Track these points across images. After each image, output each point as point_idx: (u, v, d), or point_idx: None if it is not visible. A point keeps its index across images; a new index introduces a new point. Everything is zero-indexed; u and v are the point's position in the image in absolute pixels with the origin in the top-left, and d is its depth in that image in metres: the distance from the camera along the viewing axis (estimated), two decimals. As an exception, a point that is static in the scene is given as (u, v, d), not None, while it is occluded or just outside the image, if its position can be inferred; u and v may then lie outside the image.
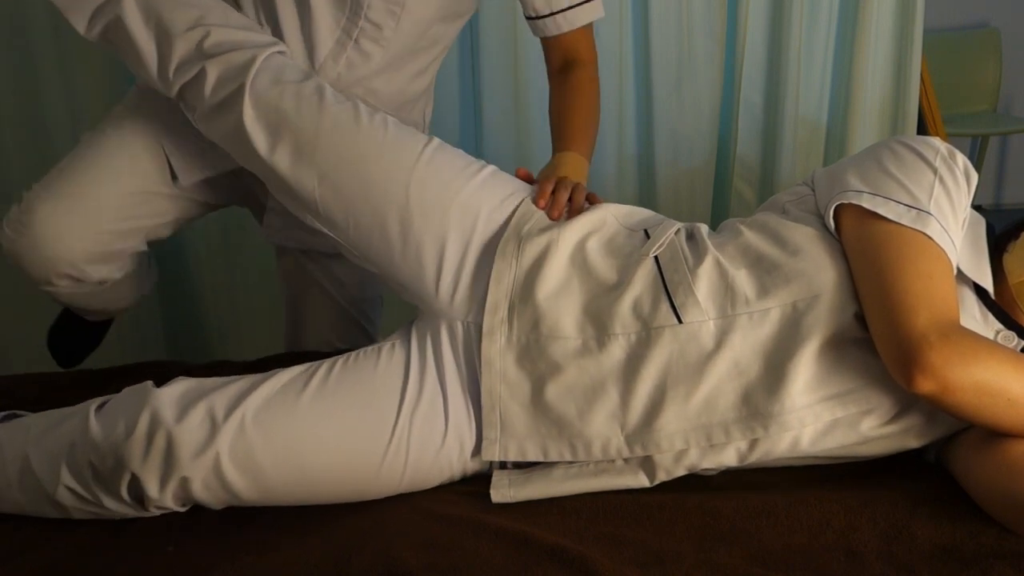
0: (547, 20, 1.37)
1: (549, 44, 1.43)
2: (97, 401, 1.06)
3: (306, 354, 1.44)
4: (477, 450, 1.05)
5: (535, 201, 1.13)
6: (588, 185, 1.23)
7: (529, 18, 1.40)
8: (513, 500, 1.02)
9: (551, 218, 1.12)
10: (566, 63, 1.42)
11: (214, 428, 0.98)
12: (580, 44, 1.42)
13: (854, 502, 0.97)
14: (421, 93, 1.47)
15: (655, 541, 0.94)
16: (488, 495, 1.02)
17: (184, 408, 1.00)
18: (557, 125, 1.38)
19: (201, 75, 1.16)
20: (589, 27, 1.41)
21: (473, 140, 2.13)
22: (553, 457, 1.03)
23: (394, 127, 1.14)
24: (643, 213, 1.18)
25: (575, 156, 1.31)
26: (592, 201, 1.18)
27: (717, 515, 0.97)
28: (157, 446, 0.97)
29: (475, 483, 1.06)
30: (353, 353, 1.09)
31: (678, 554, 0.91)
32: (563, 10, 1.36)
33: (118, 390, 1.27)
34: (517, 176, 1.20)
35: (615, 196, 2.14)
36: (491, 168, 1.16)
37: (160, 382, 1.31)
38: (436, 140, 1.15)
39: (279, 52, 1.19)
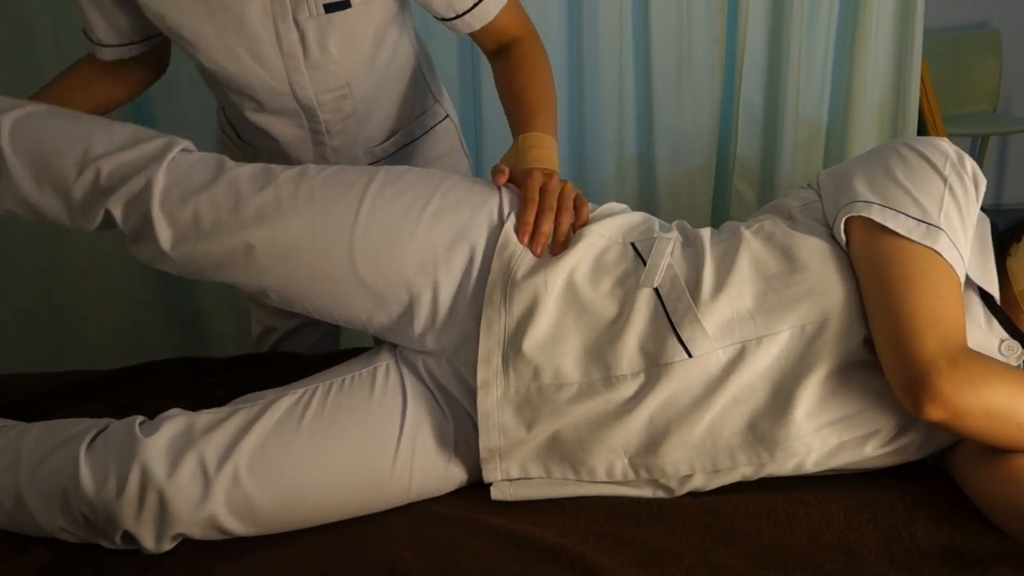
0: (456, 22, 1.26)
1: (473, 36, 1.32)
2: (88, 436, 1.01)
3: (289, 355, 1.43)
4: (479, 467, 1.04)
5: (517, 233, 1.05)
6: (587, 186, 1.20)
7: (440, 19, 1.27)
8: (513, 499, 1.02)
9: (535, 254, 1.04)
10: (500, 46, 1.33)
11: (207, 482, 0.95)
12: (507, 27, 1.30)
13: (854, 502, 0.97)
14: (415, 92, 1.41)
15: (655, 541, 0.94)
16: (488, 495, 1.02)
17: (174, 460, 0.96)
18: (513, 106, 1.26)
19: (108, 214, 1.08)
20: (509, 7, 1.28)
21: (473, 139, 2.12)
22: (556, 476, 1.02)
23: (322, 192, 1.05)
24: (628, 220, 1.11)
25: (538, 136, 1.20)
26: (578, 203, 1.09)
27: (717, 515, 0.97)
28: (150, 504, 0.94)
29: (475, 483, 1.06)
30: (348, 378, 1.06)
31: (678, 554, 0.91)
32: (468, 10, 1.25)
33: (131, 395, 1.27)
34: (493, 176, 1.10)
35: (615, 196, 2.13)
36: (440, 192, 1.07)
37: (168, 381, 1.32)
38: (375, 184, 1.07)
39: (182, 150, 1.09)
